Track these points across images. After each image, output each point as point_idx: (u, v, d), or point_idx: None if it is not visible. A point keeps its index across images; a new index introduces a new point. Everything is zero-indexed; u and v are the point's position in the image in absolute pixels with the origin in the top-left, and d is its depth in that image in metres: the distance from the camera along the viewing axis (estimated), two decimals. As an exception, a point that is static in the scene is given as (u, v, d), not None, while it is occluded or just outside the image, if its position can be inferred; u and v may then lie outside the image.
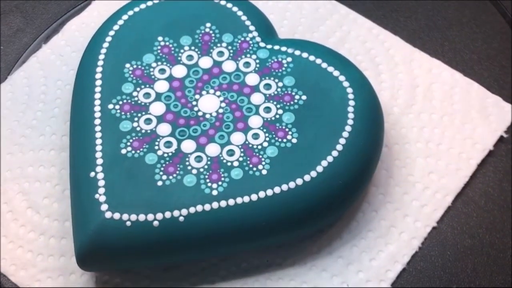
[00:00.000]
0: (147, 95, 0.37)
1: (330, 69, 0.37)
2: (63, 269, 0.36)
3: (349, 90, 0.36)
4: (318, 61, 0.37)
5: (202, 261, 0.36)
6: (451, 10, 0.44)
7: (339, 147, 0.35)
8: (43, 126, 0.40)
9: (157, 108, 0.36)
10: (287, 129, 0.36)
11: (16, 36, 0.44)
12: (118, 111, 0.36)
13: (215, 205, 0.34)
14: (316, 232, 0.36)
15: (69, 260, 0.36)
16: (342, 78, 0.37)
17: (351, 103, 0.36)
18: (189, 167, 0.35)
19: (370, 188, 0.38)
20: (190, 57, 0.38)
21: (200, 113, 0.36)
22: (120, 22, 0.39)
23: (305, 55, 0.38)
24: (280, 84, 0.37)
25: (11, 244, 0.37)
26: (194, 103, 0.37)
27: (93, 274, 0.36)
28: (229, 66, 0.38)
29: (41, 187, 0.38)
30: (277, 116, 0.36)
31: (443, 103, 0.40)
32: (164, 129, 0.36)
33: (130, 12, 0.39)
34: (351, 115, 0.36)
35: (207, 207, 0.34)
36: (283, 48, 0.38)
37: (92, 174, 0.35)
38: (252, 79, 0.37)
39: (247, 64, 0.38)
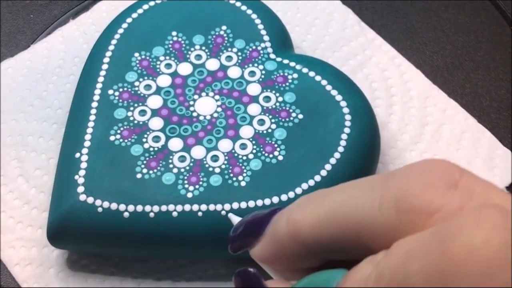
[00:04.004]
0: (148, 86, 0.37)
1: (334, 92, 0.36)
2: (38, 241, 0.37)
3: (347, 117, 0.36)
4: (324, 82, 0.37)
5: (171, 259, 0.36)
6: (481, 53, 0.43)
7: (323, 173, 0.34)
8: (52, 99, 0.41)
9: (154, 102, 0.37)
10: (276, 145, 0.35)
11: (47, 7, 0.45)
12: (117, 97, 0.37)
13: (187, 207, 0.34)
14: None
15: (45, 233, 0.37)
16: (343, 103, 0.36)
17: (346, 130, 0.35)
18: (171, 165, 0.35)
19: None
20: (198, 57, 0.38)
21: (194, 114, 0.36)
22: (140, 10, 0.39)
23: (312, 74, 0.37)
24: (280, 99, 0.37)
25: (-5, 208, 0.38)
26: (191, 102, 0.37)
27: (64, 252, 0.37)
28: (234, 72, 0.37)
29: (36, 158, 0.39)
30: (269, 130, 0.36)
31: (449, 147, 0.39)
32: (156, 123, 0.36)
33: (152, 3, 0.40)
34: (343, 143, 0.35)
35: (179, 208, 0.34)
36: (292, 64, 0.38)
37: (77, 155, 0.35)
38: (253, 89, 0.37)
39: (252, 73, 0.37)
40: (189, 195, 0.34)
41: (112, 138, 0.35)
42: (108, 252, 0.36)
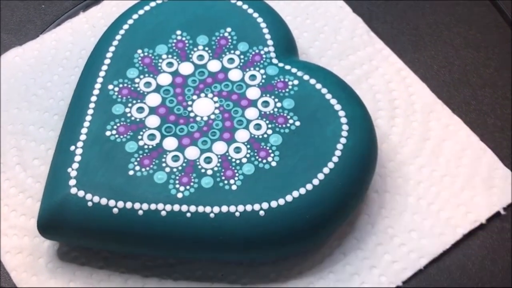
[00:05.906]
0: (148, 84, 0.37)
1: (333, 101, 0.36)
2: (30, 230, 0.37)
3: (345, 127, 0.35)
4: (324, 90, 0.36)
5: (157, 258, 0.36)
6: (490, 70, 0.42)
7: (315, 182, 0.34)
8: (55, 90, 0.41)
9: (153, 99, 0.37)
10: (270, 151, 0.35)
11: (59, -2, 0.45)
12: (116, 93, 0.37)
13: (176, 207, 0.34)
14: (277, 260, 0.36)
15: (38, 223, 0.37)
16: (342, 113, 0.36)
17: (342, 140, 0.35)
18: (164, 164, 0.35)
19: (345, 228, 0.37)
20: (201, 57, 0.38)
21: (192, 114, 0.36)
22: (147, 7, 0.39)
23: (312, 81, 0.37)
24: (279, 104, 0.36)
25: (-9, 195, 0.38)
26: (189, 103, 0.37)
27: (55, 243, 0.37)
28: (235, 75, 0.37)
29: (35, 148, 0.39)
30: (265, 136, 0.35)
31: (449, 163, 0.39)
32: (153, 121, 0.36)
33: (159, 1, 0.40)
34: (338, 153, 0.35)
35: (168, 207, 0.34)
36: (293, 70, 0.37)
37: (72, 148, 0.35)
38: (253, 93, 0.37)
39: (253, 77, 0.37)
40: (179, 195, 0.34)
41: (108, 133, 0.36)
42: (96, 246, 0.36)
